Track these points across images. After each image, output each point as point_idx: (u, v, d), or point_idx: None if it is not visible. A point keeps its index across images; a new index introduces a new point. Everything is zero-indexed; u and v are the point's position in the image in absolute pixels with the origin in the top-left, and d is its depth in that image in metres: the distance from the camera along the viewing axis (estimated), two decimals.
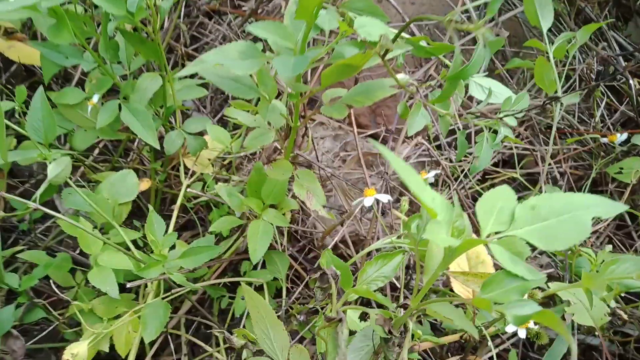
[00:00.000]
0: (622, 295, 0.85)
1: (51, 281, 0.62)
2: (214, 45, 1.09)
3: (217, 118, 1.04)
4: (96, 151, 0.94)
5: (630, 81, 0.74)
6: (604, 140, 0.89)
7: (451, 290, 0.63)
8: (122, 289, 0.63)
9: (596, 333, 0.71)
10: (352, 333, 0.45)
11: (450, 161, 0.83)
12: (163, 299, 0.64)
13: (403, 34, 0.55)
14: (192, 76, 0.90)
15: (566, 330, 0.26)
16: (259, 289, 0.73)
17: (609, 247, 0.63)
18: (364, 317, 0.49)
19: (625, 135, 0.88)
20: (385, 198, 0.56)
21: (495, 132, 0.52)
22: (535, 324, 0.53)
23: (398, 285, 0.71)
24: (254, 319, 0.38)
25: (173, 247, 0.68)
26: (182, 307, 0.79)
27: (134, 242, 0.74)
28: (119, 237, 0.66)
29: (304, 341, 0.74)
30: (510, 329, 0.52)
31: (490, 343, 0.57)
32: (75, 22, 0.63)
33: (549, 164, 0.93)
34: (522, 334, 0.52)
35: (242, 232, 0.73)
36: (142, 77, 0.70)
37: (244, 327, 0.68)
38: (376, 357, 0.39)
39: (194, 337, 0.76)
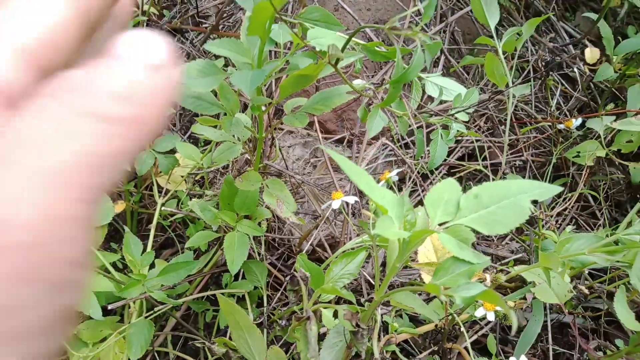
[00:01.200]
0: (590, 272, 0.89)
1: None
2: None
3: (187, 135, 1.06)
4: None
5: (575, 68, 0.78)
6: (561, 126, 0.94)
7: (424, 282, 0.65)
8: (106, 312, 0.64)
9: (567, 310, 0.75)
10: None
11: (416, 159, 0.86)
12: (146, 317, 0.65)
13: (359, 41, 0.58)
14: None
15: (505, 305, 0.28)
16: (241, 299, 0.74)
17: (570, 227, 0.66)
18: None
19: (580, 120, 0.92)
20: (352, 199, 0.58)
21: (449, 128, 0.55)
22: None
23: (373, 283, 0.73)
24: (231, 325, 0.40)
25: (153, 266, 0.69)
26: (167, 324, 0.80)
27: (114, 264, 0.74)
28: (98, 260, 0.67)
29: (291, 346, 0.75)
30: (479, 313, 0.55)
31: (463, 329, 0.59)
32: None
33: (512, 153, 0.97)
34: (490, 316, 0.54)
35: (220, 245, 0.75)
36: None
37: (229, 338, 0.70)
38: (349, 352, 0.41)
39: (182, 352, 0.77)
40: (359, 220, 0.47)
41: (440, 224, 0.35)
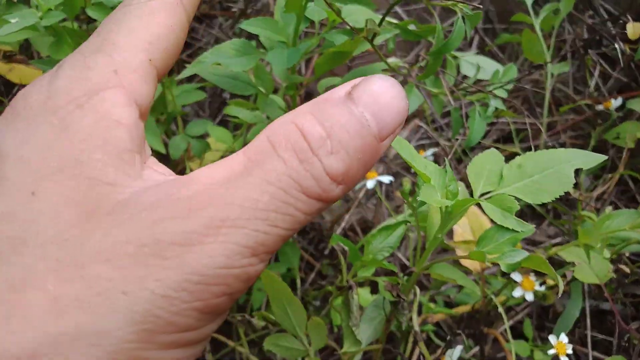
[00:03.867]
0: (630, 258, 0.86)
1: None
2: (207, 50, 1.12)
3: (216, 121, 1.07)
4: None
5: (617, 45, 0.75)
6: (600, 107, 0.91)
7: (461, 264, 0.65)
8: None
9: (605, 295, 0.73)
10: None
11: (450, 140, 0.85)
12: None
13: (391, 20, 0.57)
14: (190, 81, 0.92)
15: (553, 271, 0.28)
16: None
17: (609, 208, 0.64)
18: (375, 293, 0.51)
19: (620, 101, 0.89)
20: (387, 179, 0.58)
21: (487, 105, 0.54)
22: (541, 285, 0.55)
23: (408, 265, 0.73)
24: (272, 298, 0.41)
25: None
26: None
27: None
28: None
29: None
30: (517, 293, 0.54)
31: (501, 310, 0.59)
32: (73, 38, 0.66)
33: (549, 136, 0.95)
34: (529, 297, 0.54)
35: None
36: None
37: None
38: (388, 325, 0.41)
39: (216, 333, 0.79)
40: (399, 190, 0.47)
41: (482, 194, 0.34)
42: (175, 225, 0.16)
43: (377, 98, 0.17)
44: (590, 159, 0.32)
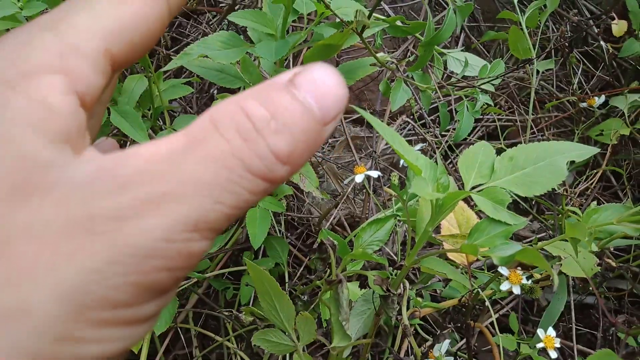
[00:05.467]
0: (613, 252, 0.88)
1: None
2: None
3: None
4: None
5: (602, 43, 0.76)
6: (583, 104, 0.92)
7: (447, 258, 0.65)
8: None
9: (590, 288, 0.74)
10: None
11: (436, 137, 0.85)
12: None
13: (379, 16, 0.57)
14: (177, 76, 0.91)
15: (547, 264, 0.28)
16: None
17: (594, 203, 0.65)
18: (363, 287, 0.51)
19: (603, 98, 0.90)
20: (375, 174, 0.58)
21: (475, 100, 0.54)
22: (528, 279, 0.55)
23: (396, 260, 0.73)
24: (259, 292, 0.40)
25: None
26: (188, 302, 0.81)
27: None
28: None
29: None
30: (504, 287, 0.54)
31: (488, 304, 0.59)
32: None
33: (532, 133, 0.96)
34: (516, 290, 0.54)
35: (241, 223, 0.75)
36: (127, 79, 0.72)
37: None
38: (378, 319, 0.41)
39: (203, 329, 0.78)
40: (389, 184, 0.47)
41: (474, 187, 0.34)
42: (111, 200, 0.15)
43: (318, 84, 0.18)
44: (583, 151, 0.32)
